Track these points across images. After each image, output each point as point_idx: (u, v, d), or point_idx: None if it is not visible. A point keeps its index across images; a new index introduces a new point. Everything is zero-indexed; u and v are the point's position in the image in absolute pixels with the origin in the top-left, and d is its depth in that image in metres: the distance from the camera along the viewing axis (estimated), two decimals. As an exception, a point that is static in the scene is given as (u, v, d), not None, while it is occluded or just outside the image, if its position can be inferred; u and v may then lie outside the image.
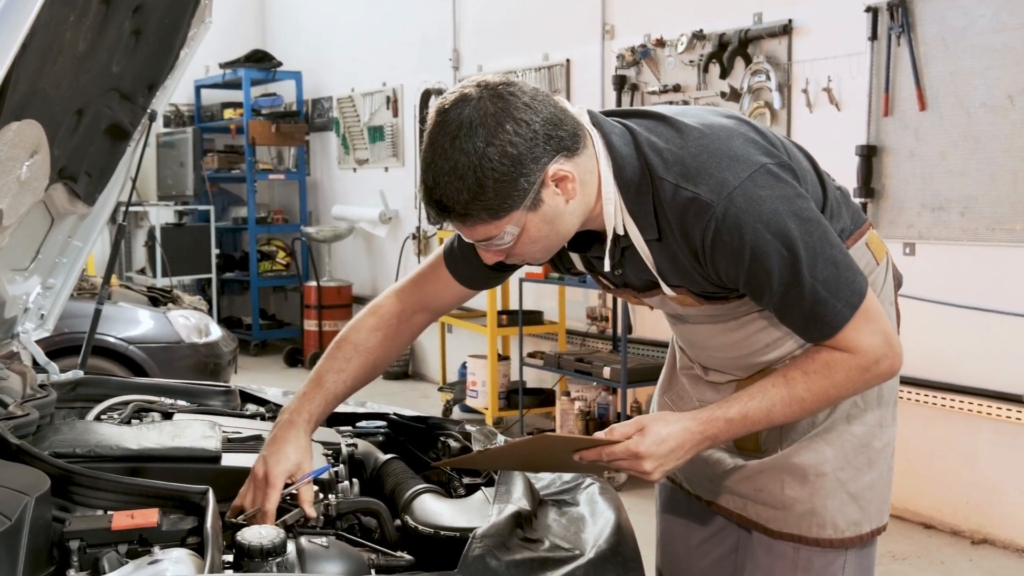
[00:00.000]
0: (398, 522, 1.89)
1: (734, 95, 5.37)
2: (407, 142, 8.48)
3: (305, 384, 1.98)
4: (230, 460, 1.97)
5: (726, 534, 2.12)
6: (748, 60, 5.32)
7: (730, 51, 5.37)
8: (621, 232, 1.73)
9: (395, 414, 2.54)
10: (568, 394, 5.84)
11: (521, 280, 6.19)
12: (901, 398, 4.63)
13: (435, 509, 1.90)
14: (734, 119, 1.77)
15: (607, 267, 1.77)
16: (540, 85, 6.79)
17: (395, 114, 8.57)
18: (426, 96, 8.02)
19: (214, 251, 9.02)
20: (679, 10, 5.80)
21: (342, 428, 2.46)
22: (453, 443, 2.29)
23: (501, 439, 2.23)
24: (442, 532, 1.79)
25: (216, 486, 1.73)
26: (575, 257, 1.92)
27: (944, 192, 4.53)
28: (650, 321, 6.02)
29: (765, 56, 5.25)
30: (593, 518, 1.95)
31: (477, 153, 1.55)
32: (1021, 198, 4.24)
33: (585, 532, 1.89)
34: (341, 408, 2.68)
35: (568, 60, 6.67)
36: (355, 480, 2.06)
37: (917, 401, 4.63)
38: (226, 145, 10.01)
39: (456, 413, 6.67)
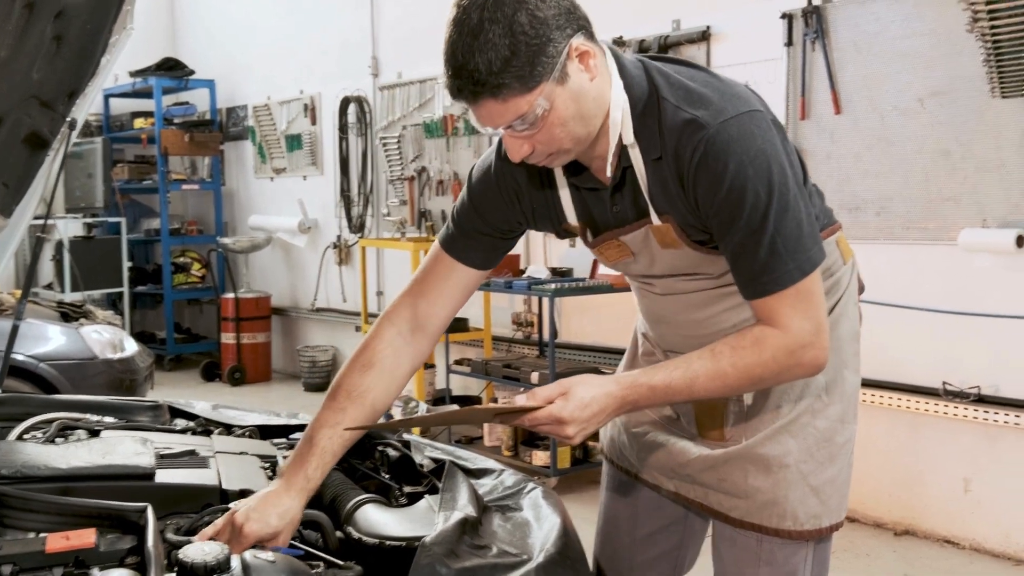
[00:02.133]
0: (339, 533, 1.85)
1: (653, 100, 5.42)
2: (326, 150, 8.40)
3: (299, 443, 1.88)
4: (164, 476, 1.91)
5: (673, 529, 2.13)
6: (667, 65, 5.37)
7: (649, 57, 5.42)
8: (629, 140, 1.72)
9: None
10: (496, 400, 5.83)
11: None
12: (823, 396, 4.72)
13: (379, 519, 1.88)
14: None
15: (608, 172, 1.75)
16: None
17: (313, 122, 8.48)
18: (345, 104, 7.96)
19: (126, 264, 8.82)
20: (599, 17, 5.67)
21: (276, 440, 2.42)
22: (392, 451, 2.27)
23: (423, 407, 2.26)
24: (388, 542, 1.76)
25: (151, 504, 1.69)
26: (567, 205, 1.89)
27: (860, 193, 4.63)
28: (575, 326, 6.05)
29: (683, 61, 5.31)
30: (538, 522, 1.94)
31: (507, 19, 1.56)
32: (933, 197, 4.36)
33: (531, 537, 1.88)
34: (274, 420, 2.65)
35: (487, 67, 6.66)
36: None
37: (838, 398, 4.72)
38: (137, 155, 9.81)
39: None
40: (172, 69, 9.29)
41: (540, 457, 5.42)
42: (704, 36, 5.25)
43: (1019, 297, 4.11)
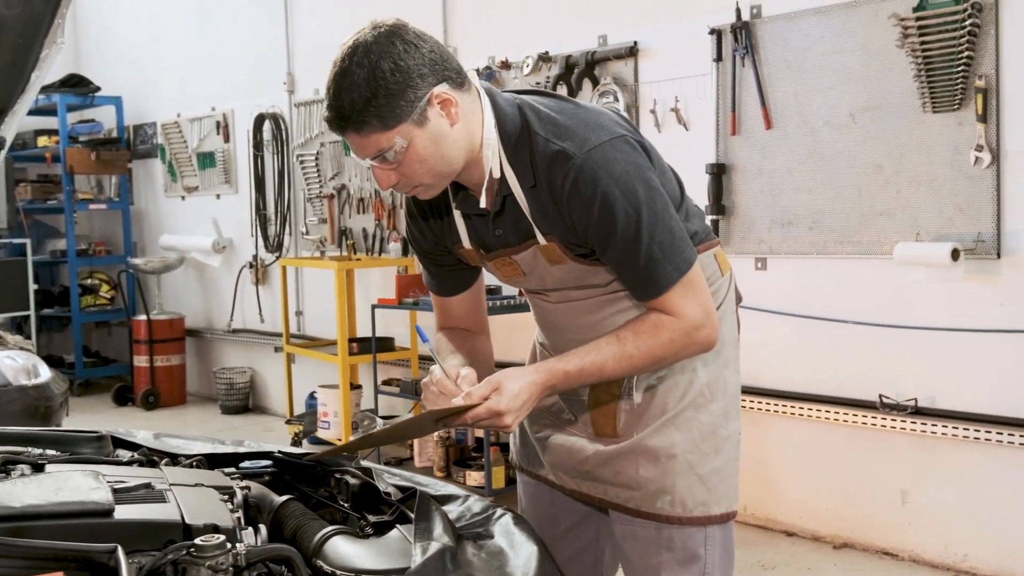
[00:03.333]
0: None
1: (583, 116, 5.39)
2: (240, 168, 8.20)
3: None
4: (123, 513, 1.79)
5: (588, 524, 2.29)
6: (596, 81, 5.37)
7: (577, 73, 5.40)
8: (497, 175, 1.92)
9: (280, 451, 2.41)
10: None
11: (374, 306, 6.04)
12: (759, 409, 4.74)
13: (350, 552, 1.78)
14: (609, 110, 2.05)
15: (483, 204, 1.95)
16: None
17: (226, 139, 8.27)
18: (260, 121, 7.79)
19: (32, 286, 8.49)
20: (523, 32, 5.80)
21: (226, 470, 2.30)
22: (351, 479, 2.17)
23: (380, 422, 2.33)
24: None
25: (109, 542, 1.57)
26: (461, 228, 2.08)
27: (792, 208, 4.66)
28: (503, 343, 5.97)
29: (612, 77, 5.31)
30: (513, 550, 1.88)
31: (371, 65, 1.78)
32: (866, 212, 4.40)
33: (509, 566, 1.82)
34: (219, 448, 2.53)
35: (410, 82, 6.57)
36: (261, 526, 1.91)
37: (774, 412, 4.74)
38: (40, 174, 9.47)
39: (306, 446, 6.45)
40: (76, 86, 9.01)
41: (474, 477, 5.33)
42: (632, 52, 5.24)
43: (955, 309, 4.17)
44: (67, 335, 9.32)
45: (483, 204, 1.95)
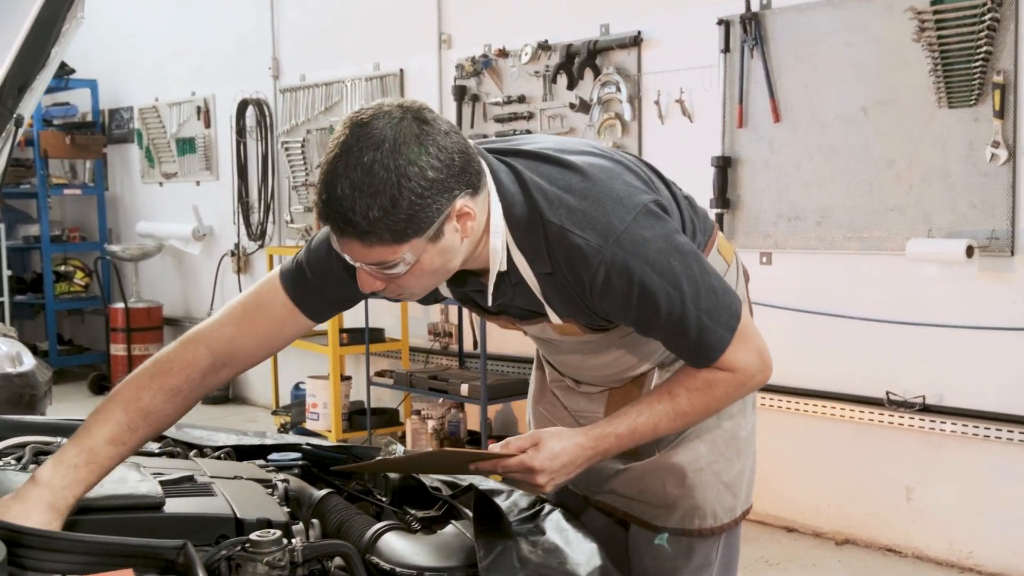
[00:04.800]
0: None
1: (584, 106, 5.32)
2: (222, 155, 8.04)
3: (72, 447, 1.64)
4: (173, 506, 1.69)
5: (604, 530, 2.17)
6: (597, 71, 5.29)
7: (579, 62, 5.33)
8: (504, 269, 1.73)
9: (308, 444, 2.33)
10: (419, 413, 5.63)
11: (366, 297, 5.92)
12: (763, 405, 4.69)
13: (406, 549, 1.71)
14: (607, 157, 1.80)
15: (489, 302, 1.79)
16: (371, 96, 6.36)
17: (207, 125, 8.11)
18: (243, 106, 7.63)
19: (5, 272, 8.29)
20: (521, 20, 5.71)
21: (256, 462, 2.21)
22: (390, 474, 2.08)
23: (400, 449, 2.13)
24: (426, 573, 1.60)
25: (160, 536, 1.49)
26: (444, 291, 1.90)
27: (800, 202, 4.62)
28: (496, 338, 5.89)
29: (615, 67, 5.24)
30: (570, 547, 1.82)
31: (398, 171, 1.51)
32: (876, 207, 4.36)
33: (569, 563, 1.75)
34: (245, 440, 2.43)
35: (401, 70, 6.47)
36: (314, 521, 1.83)
37: (778, 408, 4.70)
38: (13, 158, 9.23)
39: (292, 437, 6.34)
40: (52, 67, 8.79)
41: (469, 472, 5.24)
42: (635, 41, 5.17)
43: (966, 307, 4.14)
44: (39, 322, 9.12)
45: (489, 302, 1.79)
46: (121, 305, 8.17)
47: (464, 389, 5.18)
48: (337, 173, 1.52)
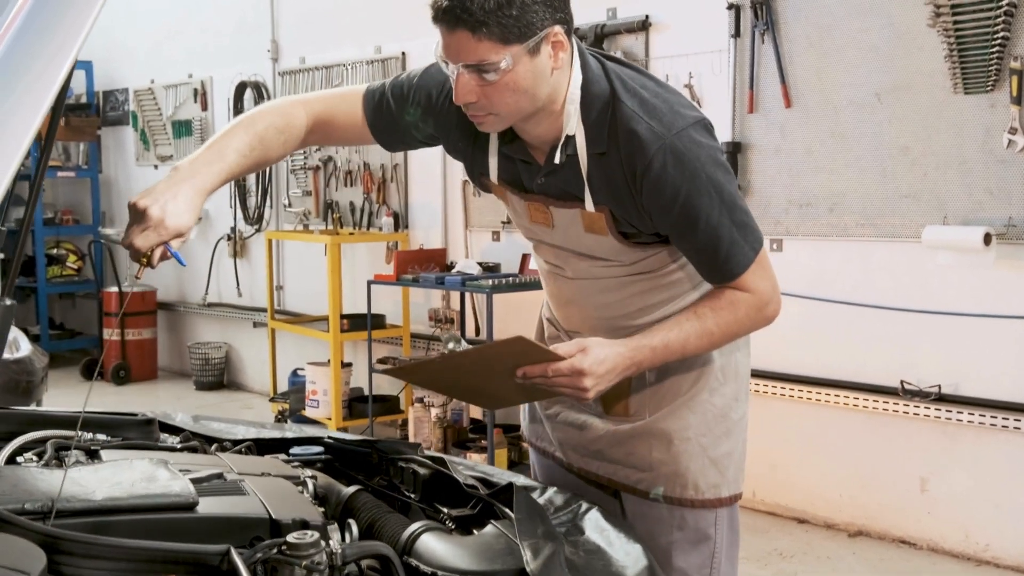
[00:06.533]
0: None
1: (590, 90, 5.25)
2: (218, 137, 7.94)
3: (204, 149, 1.84)
4: (206, 507, 1.63)
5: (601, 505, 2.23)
6: (605, 55, 5.21)
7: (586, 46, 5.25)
8: (571, 132, 1.85)
9: (330, 437, 2.26)
10: (422, 400, 5.58)
11: (369, 282, 5.87)
12: (773, 394, 4.66)
13: (447, 551, 1.64)
14: None
15: (556, 159, 1.87)
16: (372, 80, 6.43)
17: (204, 108, 8.02)
18: (241, 89, 7.54)
19: (-4, 256, 8.19)
20: (526, 2, 5.62)
21: (279, 456, 2.15)
22: (420, 469, 2.02)
23: (465, 344, 2.19)
24: (470, 576, 1.55)
25: (192, 539, 1.43)
26: (492, 164, 2.00)
27: (811, 188, 4.56)
28: (499, 326, 5.83)
29: (623, 52, 5.16)
30: (612, 548, 1.77)
31: None
32: (890, 194, 4.31)
33: (614, 566, 1.70)
34: (264, 433, 2.37)
35: (404, 53, 6.39)
36: (351, 522, 1.77)
37: (790, 396, 4.66)
38: (4, 140, 9.13)
39: (291, 425, 6.28)
40: (45, 48, 8.68)
41: (474, 459, 5.19)
42: (643, 26, 5.10)
43: (982, 295, 4.10)
44: (30, 306, 9.02)
45: (558, 159, 1.87)
46: (115, 289, 8.08)
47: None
48: None
